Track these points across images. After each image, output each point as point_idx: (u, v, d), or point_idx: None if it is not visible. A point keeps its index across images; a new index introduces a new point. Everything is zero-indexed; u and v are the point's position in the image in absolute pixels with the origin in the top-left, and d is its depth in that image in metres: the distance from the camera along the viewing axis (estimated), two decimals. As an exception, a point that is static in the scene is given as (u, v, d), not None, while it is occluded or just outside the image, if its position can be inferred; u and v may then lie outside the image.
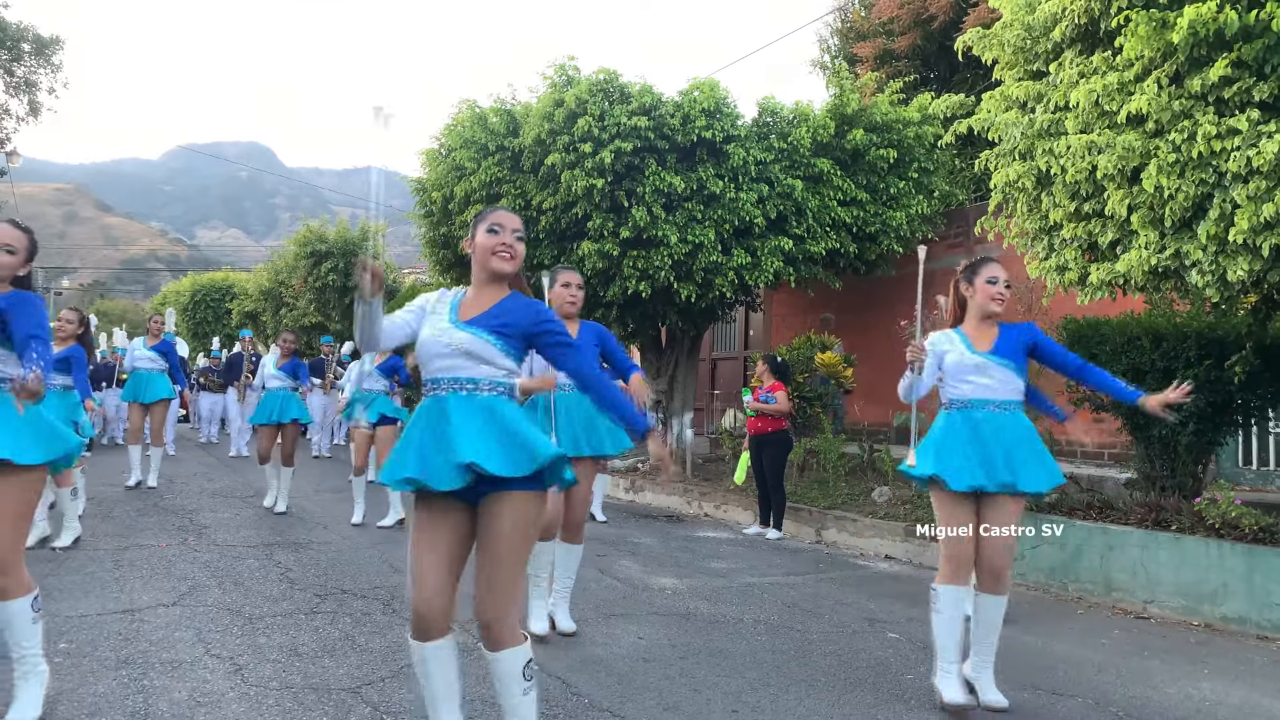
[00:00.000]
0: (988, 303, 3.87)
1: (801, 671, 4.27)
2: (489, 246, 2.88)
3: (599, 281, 10.53)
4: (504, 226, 2.91)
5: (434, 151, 11.97)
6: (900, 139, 10.64)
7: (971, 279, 3.97)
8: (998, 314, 3.91)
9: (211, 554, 6.54)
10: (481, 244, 2.90)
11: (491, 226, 2.91)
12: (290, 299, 25.03)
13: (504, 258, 2.89)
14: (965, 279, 4.01)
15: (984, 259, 4.03)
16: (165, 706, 3.50)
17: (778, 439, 8.46)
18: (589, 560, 6.90)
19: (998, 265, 3.96)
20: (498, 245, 2.88)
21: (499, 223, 2.92)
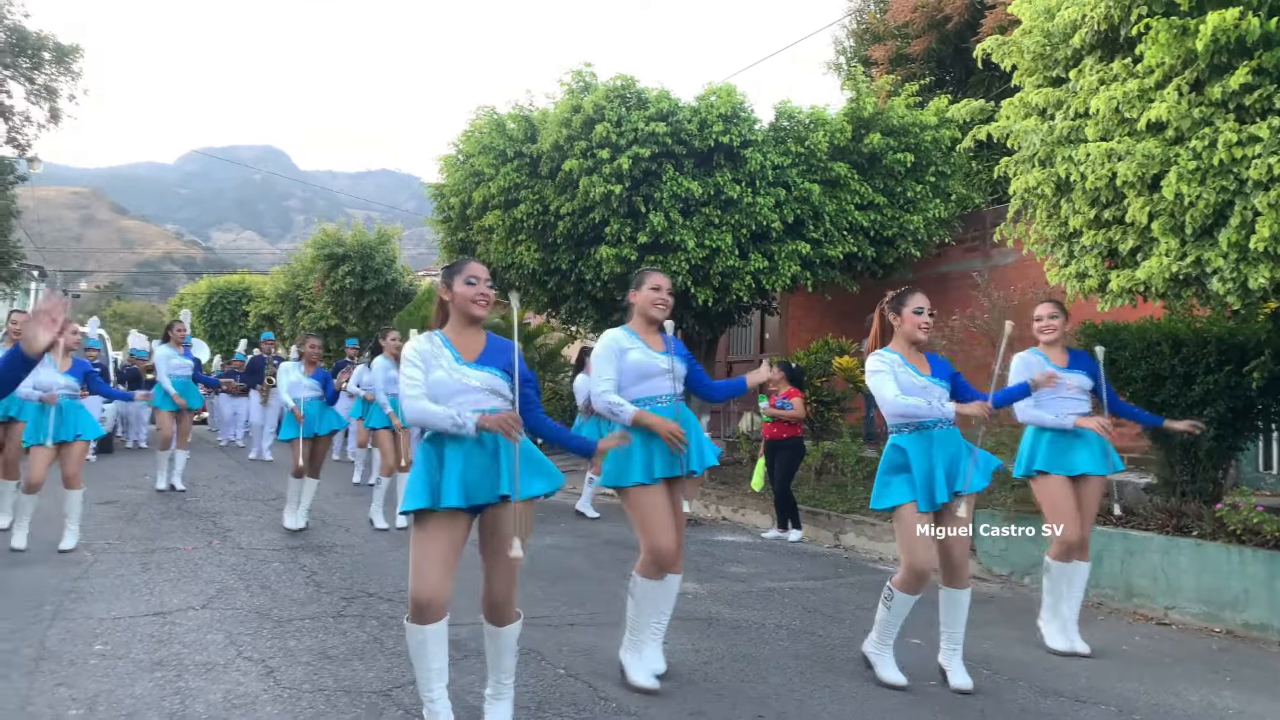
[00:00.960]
0: (915, 331, 4.22)
1: (825, 677, 4.31)
2: (469, 296, 3.32)
3: (616, 286, 10.59)
4: (479, 278, 3.35)
5: (452, 158, 12.07)
6: (917, 142, 10.67)
7: (899, 309, 4.29)
8: (924, 342, 4.30)
9: (237, 557, 6.62)
10: (462, 293, 3.33)
11: (469, 278, 3.33)
12: (307, 302, 25.18)
13: (481, 305, 3.35)
14: (893, 309, 4.32)
15: (909, 289, 4.38)
16: (202, 708, 3.57)
17: (792, 444, 8.51)
18: (610, 564, 6.98)
19: (923, 296, 4.32)
20: (476, 295, 3.33)
21: (475, 275, 3.35)
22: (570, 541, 7.96)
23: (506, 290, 12.69)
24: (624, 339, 4.09)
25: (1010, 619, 5.64)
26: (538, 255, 10.94)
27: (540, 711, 3.68)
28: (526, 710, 3.69)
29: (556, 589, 6.01)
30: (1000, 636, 5.20)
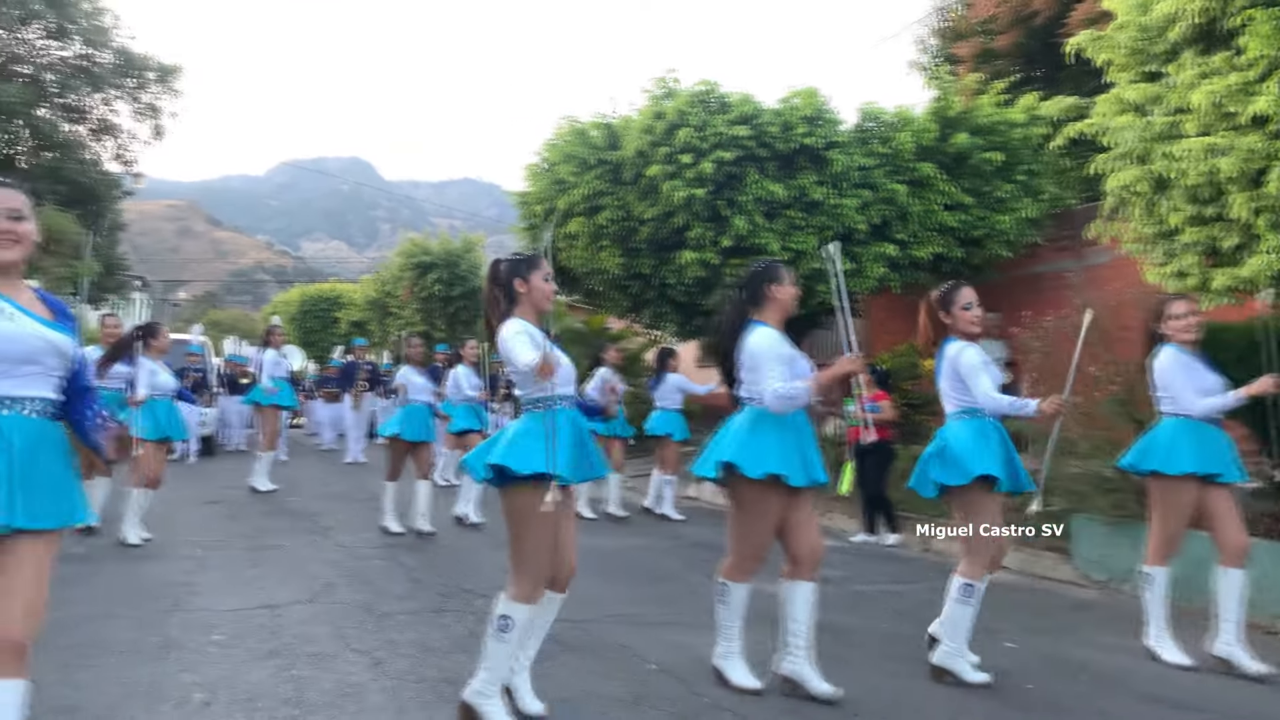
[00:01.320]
0: (968, 326, 4.34)
1: (917, 680, 4.30)
2: (546, 292, 3.55)
3: (698, 290, 10.67)
4: (551, 275, 3.61)
5: (535, 166, 12.31)
6: (1005, 141, 10.49)
7: (948, 306, 4.39)
8: (977, 336, 4.40)
9: (338, 554, 6.88)
10: (541, 289, 3.52)
11: (547, 275, 3.56)
12: (396, 308, 25.85)
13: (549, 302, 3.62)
14: (941, 306, 4.42)
15: (955, 284, 4.49)
16: (315, 695, 3.75)
17: (881, 448, 8.44)
18: (696, 564, 7.03)
19: (970, 289, 4.42)
20: (551, 291, 3.59)
21: (550, 273, 3.60)
22: (659, 543, 8.05)
23: (590, 296, 12.92)
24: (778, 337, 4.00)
25: (1109, 625, 5.53)
26: (620, 260, 11.07)
27: (636, 706, 3.77)
28: (622, 704, 3.78)
29: (647, 590, 6.10)
30: (1099, 642, 5.12)
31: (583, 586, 5.78)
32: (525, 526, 3.33)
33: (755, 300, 4.06)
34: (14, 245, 2.46)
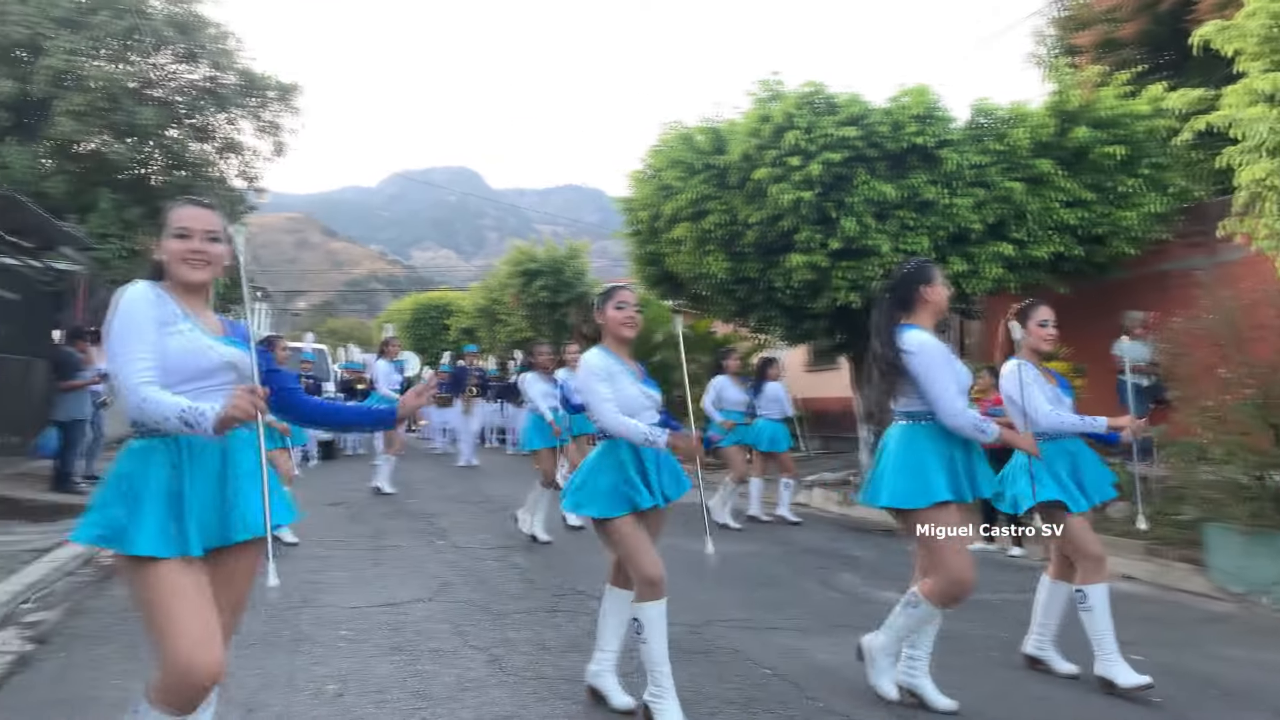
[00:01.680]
0: (1040, 343, 4.38)
1: (1038, 688, 4.19)
2: (619, 319, 3.78)
3: (807, 294, 10.57)
4: (627, 303, 3.81)
5: (640, 173, 12.39)
6: (1129, 134, 10.05)
7: (1025, 322, 4.41)
8: (1048, 353, 4.55)
9: (455, 555, 7.07)
10: (613, 317, 3.78)
11: (618, 304, 3.79)
12: (504, 315, 26.39)
13: (629, 327, 3.79)
14: (1019, 322, 4.43)
15: (1034, 302, 4.52)
16: (438, 689, 3.87)
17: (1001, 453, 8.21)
18: (808, 571, 6.98)
19: (1048, 309, 4.45)
20: (625, 318, 3.78)
21: (623, 300, 3.81)
22: (770, 549, 8.00)
23: (696, 301, 12.94)
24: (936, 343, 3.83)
25: (1243, 638, 5.26)
26: (726, 265, 11.05)
27: (749, 708, 3.77)
28: (735, 706, 3.78)
29: (758, 594, 6.08)
30: (1232, 656, 4.87)
31: (696, 591, 5.83)
32: (619, 548, 3.63)
33: (906, 303, 3.88)
34: (205, 266, 2.49)
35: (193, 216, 2.49)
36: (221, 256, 2.53)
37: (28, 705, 3.63)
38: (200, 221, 2.48)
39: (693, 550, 4.02)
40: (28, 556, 6.55)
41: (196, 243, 2.46)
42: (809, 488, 11.90)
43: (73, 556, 6.56)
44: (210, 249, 2.48)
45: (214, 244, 2.50)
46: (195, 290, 2.51)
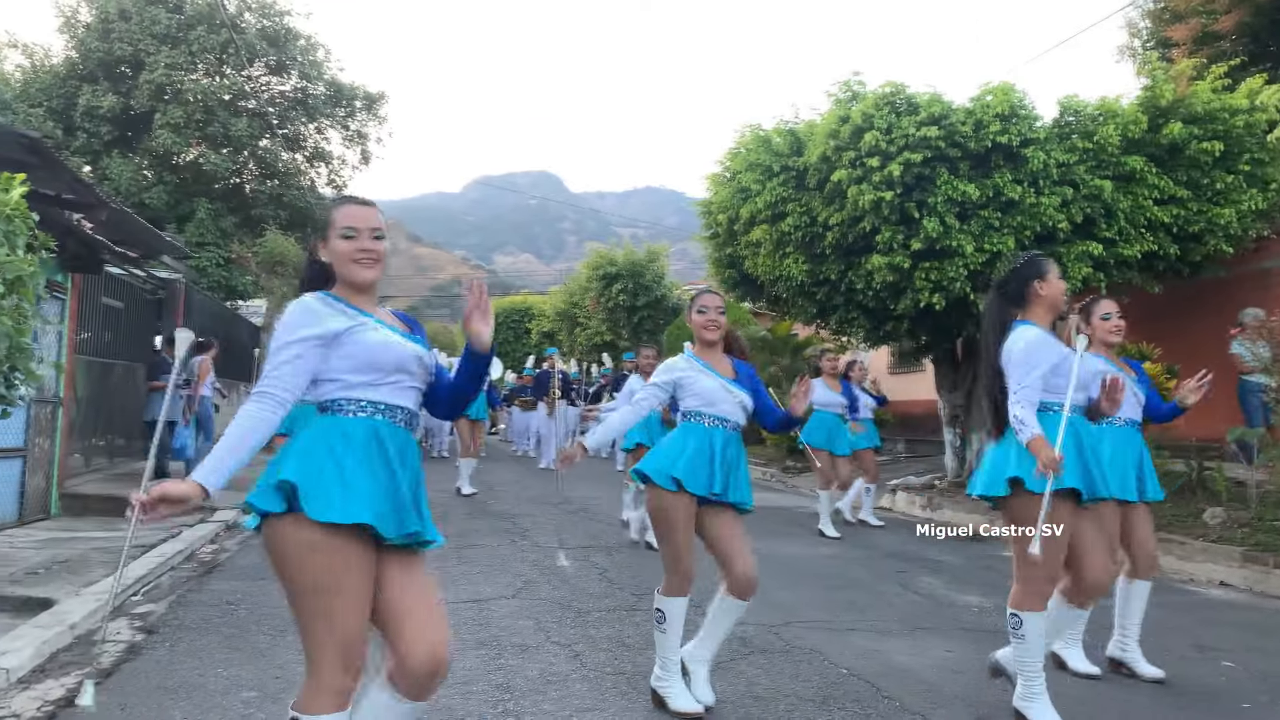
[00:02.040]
0: (1107, 336, 4.40)
1: (1121, 692, 4.10)
2: (700, 323, 3.92)
3: (888, 295, 10.47)
4: (709, 307, 3.91)
5: (718, 175, 12.42)
6: (1226, 129, 9.70)
7: (1089, 319, 4.43)
8: (1116, 345, 4.52)
9: (537, 554, 7.20)
10: (697, 321, 3.94)
11: (700, 309, 3.93)
12: (583, 319, 26.65)
13: (711, 330, 3.90)
14: (1082, 318, 4.46)
15: (1096, 298, 4.57)
16: (521, 682, 3.98)
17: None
18: (888, 574, 6.93)
19: (1110, 302, 4.49)
20: (706, 322, 3.90)
21: (705, 305, 3.93)
22: (850, 552, 7.96)
23: (775, 303, 12.90)
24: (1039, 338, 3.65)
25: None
26: (805, 267, 11.01)
27: (824, 705, 3.78)
28: (811, 703, 3.80)
29: (837, 596, 6.06)
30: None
31: (775, 592, 5.85)
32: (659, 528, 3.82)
33: (1018, 299, 3.73)
34: (374, 264, 2.43)
35: (358, 215, 2.44)
36: (385, 253, 2.48)
37: (140, 691, 3.84)
38: (365, 219, 2.43)
39: (772, 551, 4.06)
40: (135, 552, 6.90)
41: (365, 241, 2.41)
42: (892, 491, 11.77)
43: (176, 552, 6.89)
44: (377, 246, 2.44)
45: (379, 241, 2.45)
46: (365, 290, 2.46)
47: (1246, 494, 8.01)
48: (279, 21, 22.59)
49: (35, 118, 19.52)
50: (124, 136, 21.40)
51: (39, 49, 21.98)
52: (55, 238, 4.39)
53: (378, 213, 2.48)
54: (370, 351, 2.37)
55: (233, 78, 21.61)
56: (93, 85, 20.73)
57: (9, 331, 3.36)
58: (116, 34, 20.45)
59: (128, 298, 11.99)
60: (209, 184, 21.39)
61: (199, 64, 21.04)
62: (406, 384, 2.45)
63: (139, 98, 20.49)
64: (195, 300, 15.21)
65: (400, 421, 2.43)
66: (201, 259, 19.60)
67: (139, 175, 20.78)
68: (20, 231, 3.49)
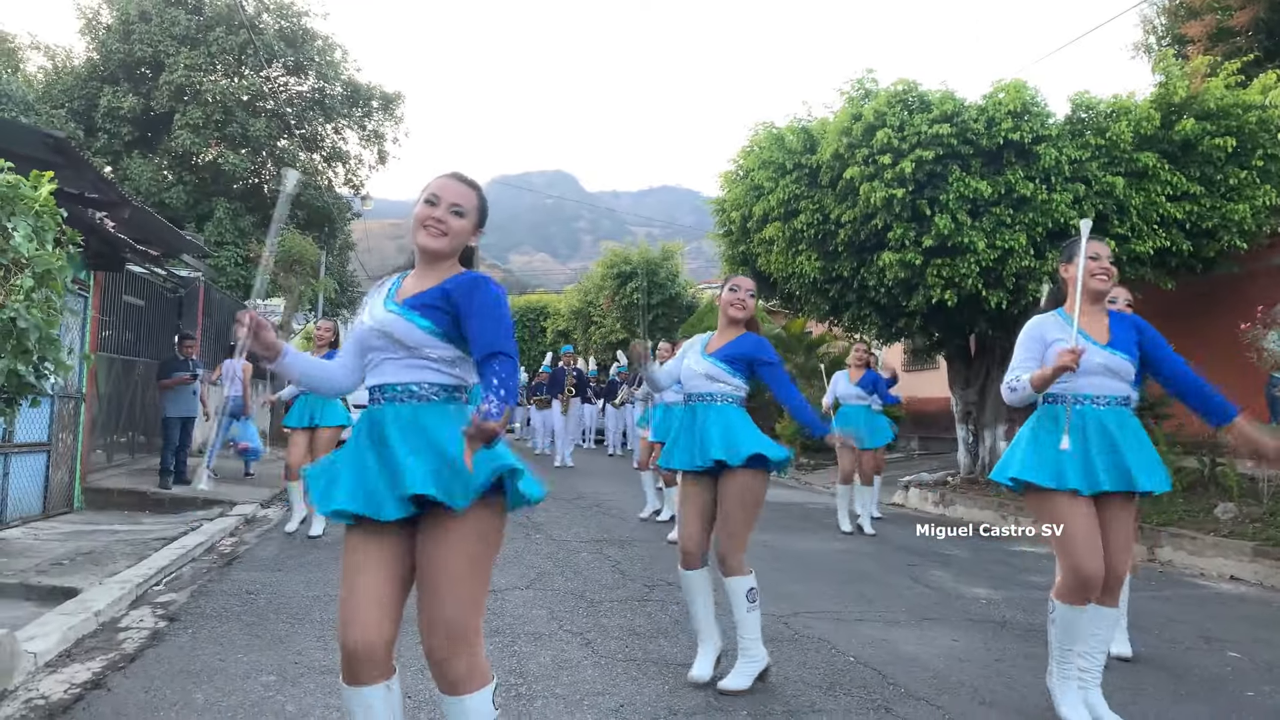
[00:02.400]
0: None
1: (1125, 680, 4.15)
2: (729, 300, 4.15)
3: (900, 291, 10.51)
4: (740, 287, 4.14)
5: (731, 173, 12.48)
6: (1240, 125, 9.70)
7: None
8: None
9: (551, 547, 7.29)
10: (726, 299, 4.15)
11: (732, 287, 4.16)
12: (598, 318, 26.74)
13: (738, 309, 4.14)
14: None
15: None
16: (534, 667, 4.07)
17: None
18: (899, 567, 6.98)
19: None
20: (734, 300, 4.13)
21: (737, 284, 4.16)
22: (861, 546, 8.02)
23: (788, 301, 12.96)
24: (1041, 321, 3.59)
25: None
26: (818, 264, 11.06)
27: (831, 690, 3.85)
28: (818, 690, 3.87)
29: (846, 588, 6.12)
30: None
31: (786, 585, 5.94)
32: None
33: (1059, 289, 3.68)
34: (441, 236, 2.43)
35: (443, 186, 2.47)
36: (463, 232, 2.47)
37: (163, 674, 3.95)
38: (449, 192, 2.45)
39: (785, 546, 4.15)
40: (156, 544, 7.04)
41: (439, 211, 2.43)
42: (905, 488, 11.81)
43: (197, 544, 7.02)
44: (452, 221, 2.44)
45: (458, 218, 2.45)
46: (431, 260, 2.47)
47: (1259, 489, 8.02)
48: (297, 22, 22.78)
49: (57, 119, 19.78)
50: (144, 137, 21.64)
51: (61, 51, 22.29)
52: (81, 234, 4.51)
53: (469, 191, 2.49)
54: (353, 338, 2.47)
55: (251, 78, 21.81)
56: (113, 86, 20.99)
57: (39, 323, 3.49)
58: (137, 35, 20.69)
59: (149, 296, 12.16)
60: (228, 184, 21.61)
61: (218, 65, 21.25)
62: (380, 359, 2.41)
63: (159, 98, 20.72)
64: (214, 299, 15.39)
65: (382, 400, 2.39)
66: (220, 258, 19.81)
67: (159, 175, 21.02)
68: (49, 227, 3.61)
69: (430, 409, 2.35)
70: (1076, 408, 3.42)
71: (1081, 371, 3.33)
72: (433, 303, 2.38)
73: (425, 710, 3.46)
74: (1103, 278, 3.50)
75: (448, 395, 2.39)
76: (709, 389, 4.05)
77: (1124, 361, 3.44)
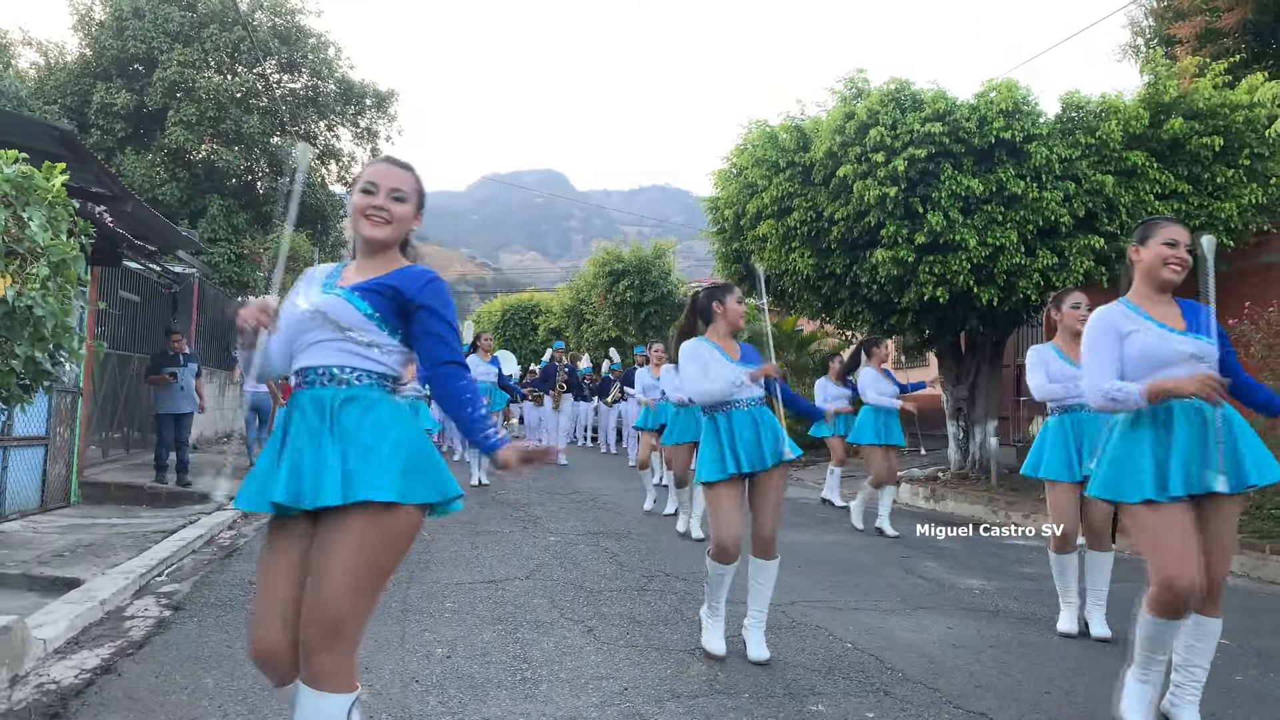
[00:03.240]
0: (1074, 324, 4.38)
1: (1115, 664, 4.23)
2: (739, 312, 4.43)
3: (892, 288, 10.60)
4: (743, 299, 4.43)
5: (725, 172, 12.55)
6: (1227, 124, 9.82)
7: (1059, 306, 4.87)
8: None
9: (549, 539, 7.37)
10: (734, 309, 4.41)
11: (739, 299, 4.39)
12: (590, 316, 26.81)
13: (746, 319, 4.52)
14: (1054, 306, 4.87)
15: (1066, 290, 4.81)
16: (538, 654, 4.14)
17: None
18: (892, 559, 7.08)
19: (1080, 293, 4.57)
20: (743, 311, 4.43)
21: (741, 296, 4.42)
22: (855, 540, 8.12)
23: (780, 298, 13.05)
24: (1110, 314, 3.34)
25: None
26: (811, 261, 11.14)
27: (830, 674, 3.94)
28: (817, 674, 3.96)
29: (841, 579, 6.21)
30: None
31: (782, 575, 5.98)
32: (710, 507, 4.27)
33: (1129, 275, 3.49)
34: (384, 224, 2.40)
35: (379, 172, 2.42)
36: (406, 218, 2.44)
37: (173, 660, 4.01)
38: (387, 178, 2.41)
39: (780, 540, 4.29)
40: (156, 537, 7.09)
41: (380, 199, 2.38)
42: (896, 483, 11.90)
43: (197, 536, 7.08)
44: (394, 207, 2.40)
45: (399, 204, 2.41)
46: (374, 249, 2.44)
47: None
48: (290, 20, 22.75)
49: (50, 115, 19.71)
50: (137, 133, 21.59)
51: (53, 46, 22.20)
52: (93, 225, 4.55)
53: (408, 176, 2.45)
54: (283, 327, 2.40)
55: (245, 75, 21.79)
56: (107, 82, 20.93)
57: (56, 311, 3.54)
58: (130, 31, 20.64)
59: (144, 291, 12.19)
60: (221, 181, 21.57)
61: (211, 61, 21.21)
62: (309, 342, 2.35)
63: (152, 95, 20.68)
64: (209, 295, 15.41)
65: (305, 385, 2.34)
66: (214, 255, 19.79)
67: (152, 172, 20.97)
68: (62, 218, 3.66)
69: (355, 395, 2.29)
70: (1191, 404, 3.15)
71: (1166, 362, 3.17)
72: (377, 289, 2.34)
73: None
74: (1175, 267, 3.30)
75: (372, 382, 2.32)
76: (742, 394, 4.30)
77: (1208, 346, 3.23)
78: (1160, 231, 3.36)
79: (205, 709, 3.40)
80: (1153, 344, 3.21)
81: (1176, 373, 3.13)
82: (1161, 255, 3.30)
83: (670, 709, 3.46)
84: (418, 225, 2.52)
